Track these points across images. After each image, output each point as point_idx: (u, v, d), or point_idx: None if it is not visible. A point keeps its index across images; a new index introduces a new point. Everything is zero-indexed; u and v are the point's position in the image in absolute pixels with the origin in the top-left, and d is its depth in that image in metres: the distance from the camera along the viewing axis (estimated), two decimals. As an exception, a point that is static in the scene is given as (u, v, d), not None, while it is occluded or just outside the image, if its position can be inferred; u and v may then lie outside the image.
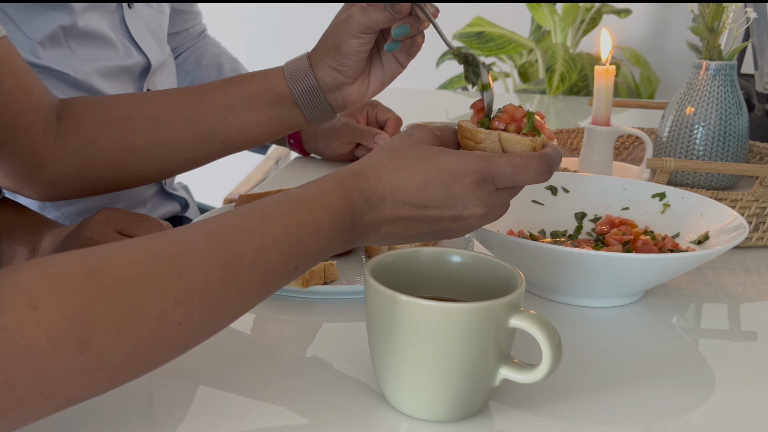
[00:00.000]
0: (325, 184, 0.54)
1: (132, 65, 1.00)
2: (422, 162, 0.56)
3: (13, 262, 0.78)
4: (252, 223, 0.50)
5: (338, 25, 0.78)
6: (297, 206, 0.52)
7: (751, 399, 0.60)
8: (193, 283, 0.47)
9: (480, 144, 0.60)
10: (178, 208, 1.15)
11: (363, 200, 0.55)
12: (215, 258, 0.48)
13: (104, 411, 0.54)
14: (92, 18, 0.94)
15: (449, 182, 0.55)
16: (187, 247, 0.48)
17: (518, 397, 0.57)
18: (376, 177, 0.55)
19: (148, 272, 0.46)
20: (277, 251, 0.51)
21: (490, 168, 0.56)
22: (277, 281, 0.52)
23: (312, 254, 0.53)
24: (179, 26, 1.26)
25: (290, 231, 0.51)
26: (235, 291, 0.49)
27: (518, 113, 0.60)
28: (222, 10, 2.96)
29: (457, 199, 0.56)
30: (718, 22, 1.04)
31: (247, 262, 0.49)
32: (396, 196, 0.55)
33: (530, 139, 0.59)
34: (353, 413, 0.55)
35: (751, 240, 0.91)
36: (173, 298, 0.46)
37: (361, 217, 0.55)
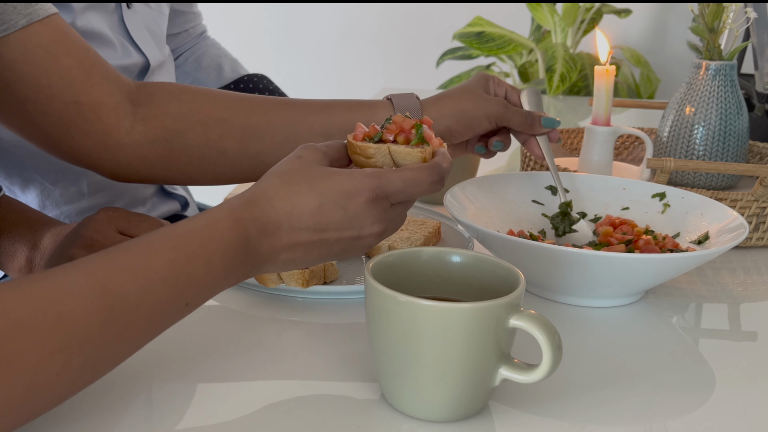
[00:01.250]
0: (215, 215, 0.53)
1: (131, 65, 1.00)
2: (315, 185, 0.55)
3: (13, 260, 0.78)
4: (137, 260, 0.48)
5: (474, 98, 0.81)
6: (186, 239, 0.50)
7: (751, 399, 0.60)
8: (72, 328, 0.44)
9: (370, 159, 0.59)
10: (178, 207, 1.15)
11: (258, 229, 0.54)
12: (96, 299, 0.46)
13: (105, 411, 0.54)
14: (91, 18, 0.94)
15: (344, 203, 0.55)
16: (65, 288, 0.45)
17: (518, 397, 0.57)
18: (269, 204, 0.54)
19: (22, 319, 0.43)
20: (164, 288, 0.49)
21: (383, 185, 0.56)
22: (166, 319, 0.50)
23: (204, 289, 0.51)
24: (179, 27, 1.26)
25: (178, 266, 0.49)
26: (119, 333, 0.47)
27: (406, 124, 0.60)
28: (222, 11, 2.96)
29: (353, 219, 0.56)
30: (718, 22, 1.04)
31: (131, 301, 0.47)
32: (292, 222, 0.54)
33: (419, 150, 0.59)
34: (353, 413, 0.55)
35: (751, 240, 0.91)
36: (50, 347, 0.43)
37: (257, 247, 0.54)
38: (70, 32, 0.72)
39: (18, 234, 0.78)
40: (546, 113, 0.84)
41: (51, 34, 0.70)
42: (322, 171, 0.56)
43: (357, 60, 3.00)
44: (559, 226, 0.83)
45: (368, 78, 2.93)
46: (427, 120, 0.61)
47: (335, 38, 2.98)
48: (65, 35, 0.71)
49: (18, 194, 0.98)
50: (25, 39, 0.68)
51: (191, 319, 0.69)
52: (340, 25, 2.97)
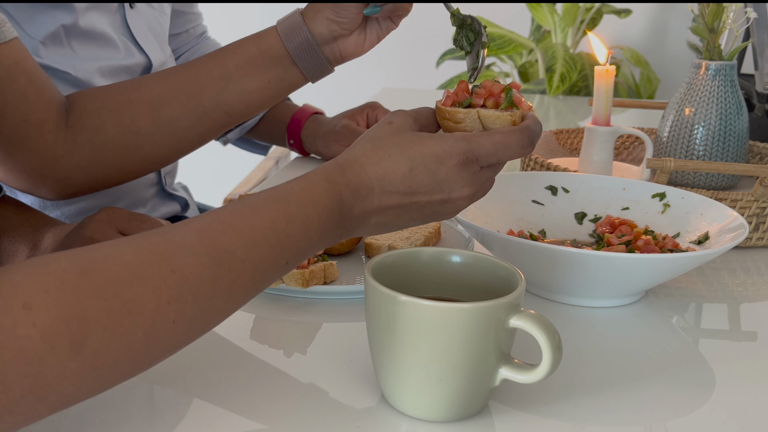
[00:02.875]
0: (312, 179, 0.54)
1: (133, 65, 1.01)
2: (406, 149, 0.56)
3: (13, 260, 0.78)
4: (242, 219, 0.50)
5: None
6: (286, 201, 0.52)
7: (751, 399, 0.60)
8: (185, 280, 0.47)
9: (460, 124, 0.59)
10: (178, 209, 1.15)
11: (351, 193, 0.55)
12: (206, 255, 0.48)
13: (104, 411, 0.54)
14: (94, 17, 0.94)
15: (434, 167, 0.56)
16: (178, 244, 0.48)
17: (518, 397, 0.57)
18: (362, 169, 0.55)
19: (140, 271, 0.46)
20: (267, 246, 0.51)
21: (473, 148, 0.56)
22: (269, 277, 0.52)
23: (302, 249, 0.53)
24: (180, 27, 1.26)
25: (280, 226, 0.51)
26: (227, 287, 0.49)
27: (496, 88, 0.60)
28: (222, 11, 2.96)
29: (443, 183, 0.56)
30: (718, 22, 1.04)
31: (238, 258, 0.49)
32: (383, 186, 0.55)
33: (509, 113, 0.59)
34: (353, 413, 0.55)
35: (751, 240, 0.91)
36: (166, 296, 0.46)
37: (350, 210, 0.55)
38: (27, 55, 0.74)
39: (19, 234, 0.78)
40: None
41: (12, 55, 0.72)
42: (412, 135, 0.57)
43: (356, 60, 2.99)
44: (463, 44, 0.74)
45: (368, 78, 2.93)
46: (516, 84, 0.61)
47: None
48: (24, 57, 0.73)
49: (18, 194, 0.98)
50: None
51: (191, 319, 0.69)
52: (340, 25, 2.96)
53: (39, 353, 0.42)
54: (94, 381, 0.45)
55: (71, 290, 0.43)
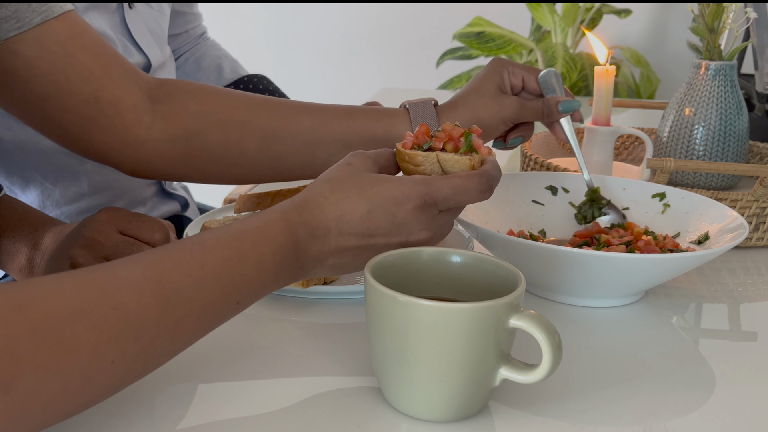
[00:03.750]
0: (268, 218, 0.54)
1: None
2: (364, 191, 0.56)
3: (14, 260, 0.78)
4: (192, 257, 0.49)
5: (488, 103, 0.81)
6: (239, 239, 0.51)
7: (751, 399, 0.60)
8: (127, 318, 0.45)
9: (419, 167, 0.60)
10: (178, 208, 1.15)
11: (307, 233, 0.55)
12: (151, 292, 0.46)
13: (104, 411, 0.54)
14: (93, 17, 0.94)
15: (392, 210, 0.56)
16: (122, 280, 0.46)
17: (518, 397, 0.57)
18: (320, 209, 0.55)
19: (80, 307, 0.44)
20: (217, 285, 0.49)
21: (431, 192, 0.56)
22: (218, 317, 0.51)
23: (255, 289, 0.52)
24: (179, 28, 1.26)
25: (232, 265, 0.50)
26: (173, 327, 0.48)
27: (455, 132, 0.60)
28: (222, 11, 2.96)
29: (401, 226, 0.56)
30: (718, 22, 1.04)
31: (185, 296, 0.48)
32: (341, 227, 0.55)
33: (468, 158, 0.59)
34: (353, 413, 0.55)
35: (751, 240, 0.91)
36: (106, 335, 0.44)
37: (306, 250, 0.55)
38: (86, 28, 0.72)
39: (19, 234, 0.78)
40: (565, 95, 0.84)
41: (67, 30, 0.70)
42: (371, 177, 0.57)
43: (357, 60, 3.00)
44: (587, 213, 0.82)
45: (368, 78, 2.93)
46: (476, 129, 0.61)
47: (335, 38, 2.98)
48: (81, 31, 0.71)
49: (18, 194, 0.98)
50: (41, 36, 0.68)
51: (191, 319, 0.69)
52: (340, 25, 2.97)
53: None
54: (23, 422, 0.42)
55: (3, 326, 0.41)
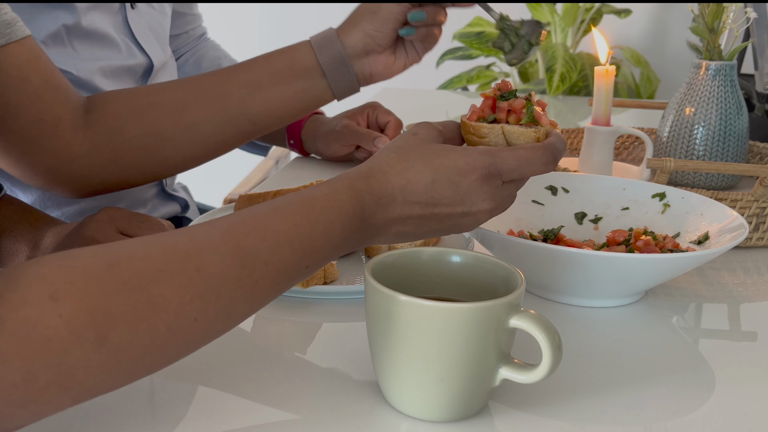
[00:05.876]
0: (336, 186, 0.55)
1: (134, 65, 1.01)
2: (429, 161, 0.56)
3: (14, 260, 0.78)
4: (266, 222, 0.51)
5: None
6: (309, 206, 0.53)
7: (751, 399, 0.60)
8: (209, 279, 0.48)
9: (484, 138, 0.60)
10: (178, 209, 1.15)
11: (373, 201, 0.55)
12: (230, 255, 0.49)
13: (105, 410, 0.54)
14: (95, 18, 0.95)
15: (457, 179, 0.56)
16: (203, 244, 0.49)
17: (518, 397, 0.57)
18: (385, 178, 0.56)
19: (165, 267, 0.47)
20: (290, 250, 0.51)
21: (496, 163, 0.56)
22: (290, 279, 0.52)
23: (324, 253, 0.53)
24: (180, 29, 1.26)
25: (303, 230, 0.52)
26: (250, 288, 0.50)
27: (517, 104, 0.60)
28: (222, 11, 2.96)
29: (465, 196, 0.56)
30: (718, 22, 1.04)
31: (261, 259, 0.50)
32: (405, 195, 0.56)
33: (533, 130, 0.59)
34: (353, 413, 0.55)
35: (751, 240, 0.91)
36: (190, 294, 0.47)
37: (372, 218, 0.55)
38: (41, 53, 0.74)
39: (19, 233, 0.78)
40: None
41: (25, 54, 0.72)
42: (436, 148, 0.57)
43: (357, 60, 2.99)
44: (504, 45, 0.79)
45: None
46: (542, 102, 0.61)
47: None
48: (37, 56, 0.73)
49: (19, 194, 0.98)
50: (1, 59, 0.70)
51: (191, 319, 0.69)
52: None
53: (64, 344, 0.43)
54: (116, 374, 0.46)
55: (97, 283, 0.44)
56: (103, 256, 0.46)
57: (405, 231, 0.57)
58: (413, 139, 0.59)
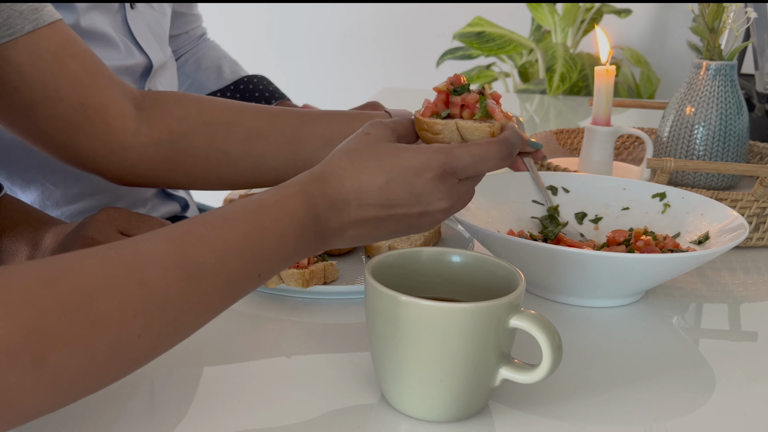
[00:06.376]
0: (287, 191, 0.53)
1: (134, 65, 1.01)
2: (383, 162, 0.55)
3: (14, 260, 0.78)
4: (213, 231, 0.49)
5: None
6: (260, 213, 0.51)
7: (751, 399, 0.60)
8: (153, 293, 0.46)
9: (438, 135, 0.59)
10: (178, 209, 1.15)
11: (327, 206, 0.54)
12: (176, 267, 0.47)
13: (105, 410, 0.54)
14: (95, 18, 0.95)
15: (411, 180, 0.55)
16: (147, 256, 0.47)
17: (518, 397, 0.57)
18: (339, 181, 0.55)
19: (105, 283, 0.44)
20: (240, 259, 0.50)
21: (451, 161, 0.56)
22: (240, 290, 0.51)
23: (277, 262, 0.52)
24: (179, 29, 1.26)
25: (254, 239, 0.50)
26: (197, 301, 0.48)
27: (471, 99, 0.59)
28: (222, 12, 2.96)
29: (421, 196, 0.56)
30: (718, 22, 1.04)
31: (209, 270, 0.48)
32: (360, 198, 0.55)
33: (488, 125, 0.58)
34: (353, 413, 0.55)
35: (752, 240, 0.91)
36: (132, 310, 0.45)
37: (326, 223, 0.54)
38: (75, 37, 0.73)
39: (19, 233, 0.78)
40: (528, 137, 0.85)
41: (57, 38, 0.71)
42: (389, 147, 0.57)
43: (357, 60, 3.00)
44: (548, 230, 0.83)
45: (368, 78, 2.93)
46: (496, 94, 0.60)
47: (335, 38, 2.98)
48: (71, 40, 0.72)
49: (19, 194, 0.98)
50: (32, 43, 0.69)
51: (191, 319, 0.69)
52: (340, 25, 2.97)
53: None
54: (55, 396, 0.43)
55: (32, 302, 0.42)
56: (39, 273, 0.44)
57: (361, 234, 0.57)
58: (365, 139, 0.58)
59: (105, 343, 0.44)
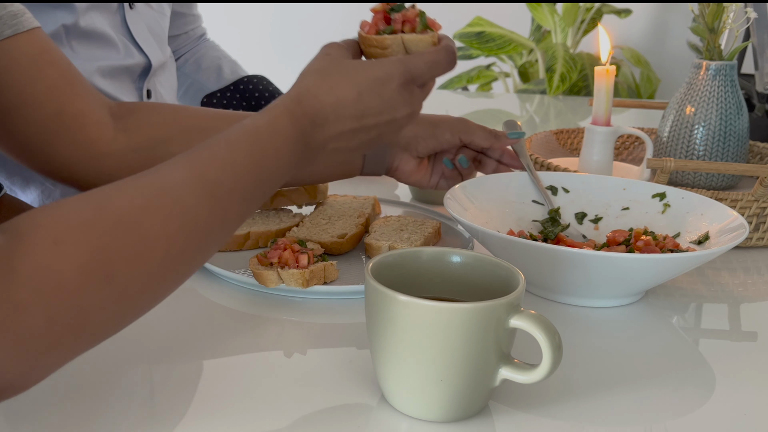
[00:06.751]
0: (275, 113, 0.58)
1: (133, 65, 1.01)
2: (351, 76, 0.61)
3: None
4: (222, 153, 0.54)
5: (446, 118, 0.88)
6: (257, 136, 0.56)
7: (751, 399, 0.60)
8: (186, 211, 0.50)
9: (386, 50, 0.65)
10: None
11: (309, 123, 0.59)
12: (200, 188, 0.51)
13: (105, 410, 0.54)
14: (94, 18, 0.95)
15: (379, 90, 0.61)
16: (172, 180, 0.51)
17: (518, 397, 0.57)
18: (316, 99, 0.60)
19: (146, 204, 0.49)
20: (249, 177, 0.55)
21: (410, 69, 0.62)
22: (251, 206, 0.56)
23: (276, 180, 0.58)
24: (179, 29, 1.27)
25: (257, 158, 0.55)
26: (220, 217, 0.53)
27: (410, 14, 0.65)
28: (222, 12, 2.96)
29: (388, 104, 0.62)
30: (718, 22, 1.04)
31: (226, 189, 0.53)
32: (337, 113, 0.60)
33: (429, 36, 0.64)
34: (353, 413, 0.55)
35: (752, 240, 0.91)
36: (173, 227, 0.49)
37: (311, 139, 0.59)
38: (53, 46, 0.74)
39: None
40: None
41: (36, 45, 0.72)
42: (353, 63, 0.63)
43: (357, 60, 2.99)
44: (548, 231, 0.83)
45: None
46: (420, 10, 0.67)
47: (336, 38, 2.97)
48: (49, 48, 0.73)
49: (18, 193, 0.98)
50: (12, 48, 0.70)
51: (191, 319, 0.69)
52: (341, 25, 2.97)
53: (76, 286, 0.44)
54: (123, 311, 0.48)
55: (91, 227, 0.46)
56: (86, 202, 0.48)
57: (340, 147, 0.62)
58: (328, 59, 0.63)
59: (157, 258, 0.49)
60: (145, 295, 0.49)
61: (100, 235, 0.46)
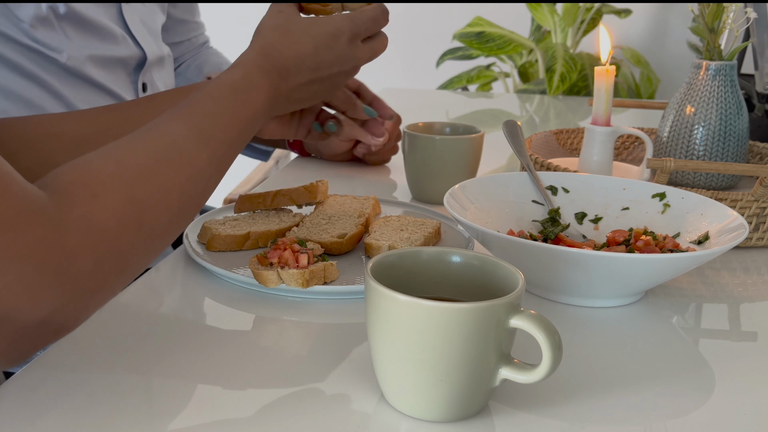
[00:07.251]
0: (246, 67, 0.65)
1: (128, 57, 1.01)
2: (308, 32, 0.69)
3: None
4: (210, 107, 0.60)
5: None
6: (235, 89, 0.63)
7: (751, 399, 0.60)
8: (191, 161, 0.56)
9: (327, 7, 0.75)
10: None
11: (276, 74, 0.66)
12: (198, 140, 0.57)
13: (104, 409, 0.54)
14: (91, 9, 0.96)
15: (332, 44, 0.70)
16: (173, 134, 0.56)
17: (518, 397, 0.57)
18: (279, 53, 0.67)
19: (159, 156, 0.54)
20: (235, 128, 0.61)
21: (357, 24, 0.71)
22: (236, 152, 0.63)
23: (254, 127, 0.64)
24: (182, 36, 1.27)
25: (239, 109, 0.62)
26: (216, 166, 0.59)
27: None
28: (222, 12, 2.96)
29: (340, 56, 0.70)
30: (718, 22, 1.04)
31: (219, 139, 0.59)
32: (297, 66, 0.68)
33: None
34: (353, 413, 0.55)
35: (752, 240, 0.91)
36: (185, 175, 0.55)
37: (278, 90, 0.67)
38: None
39: None
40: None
41: None
42: (307, 20, 0.71)
43: (357, 60, 2.99)
44: (548, 231, 0.83)
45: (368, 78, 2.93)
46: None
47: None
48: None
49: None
50: None
51: (191, 319, 0.69)
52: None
53: (116, 232, 0.50)
54: (153, 251, 0.54)
55: (117, 178, 0.52)
56: (106, 156, 0.53)
57: (299, 97, 0.70)
58: (283, 16, 0.70)
59: (175, 204, 0.55)
60: (167, 236, 0.55)
61: (126, 187, 0.51)
